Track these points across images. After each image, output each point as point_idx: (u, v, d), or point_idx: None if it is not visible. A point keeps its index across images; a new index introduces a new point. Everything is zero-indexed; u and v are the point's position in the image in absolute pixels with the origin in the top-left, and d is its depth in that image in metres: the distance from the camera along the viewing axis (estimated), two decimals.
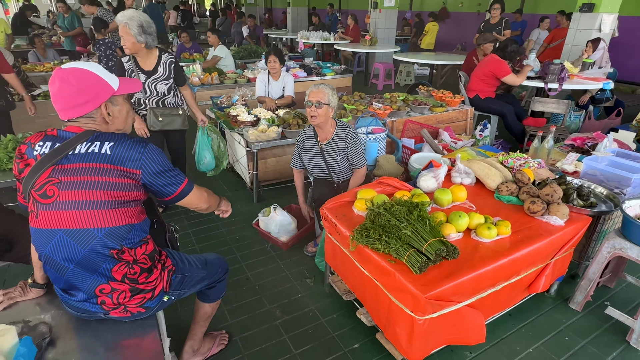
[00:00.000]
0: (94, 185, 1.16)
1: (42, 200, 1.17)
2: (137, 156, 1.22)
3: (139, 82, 1.40)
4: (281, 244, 2.64)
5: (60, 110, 1.21)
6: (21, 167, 1.21)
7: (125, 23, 2.55)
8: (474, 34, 11.35)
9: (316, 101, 2.35)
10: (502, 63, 4.11)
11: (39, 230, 1.19)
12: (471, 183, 2.35)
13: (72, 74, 1.18)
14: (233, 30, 9.64)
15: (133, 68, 2.72)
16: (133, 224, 1.24)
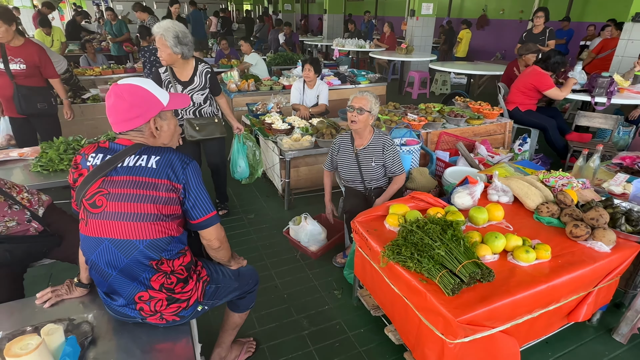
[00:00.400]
0: (139, 198, 1.23)
1: (92, 209, 1.24)
2: (180, 171, 1.28)
3: (187, 97, 1.46)
4: (310, 253, 2.66)
5: (114, 123, 1.28)
6: (75, 176, 1.30)
7: (161, 35, 2.54)
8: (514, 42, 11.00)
9: (358, 107, 2.39)
10: (545, 76, 3.95)
11: (88, 238, 1.27)
12: (509, 202, 2.27)
13: (126, 90, 1.25)
14: (270, 37, 9.85)
15: (170, 79, 2.72)
16: (173, 237, 1.29)
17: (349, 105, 2.47)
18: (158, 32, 2.56)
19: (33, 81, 3.24)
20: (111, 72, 6.32)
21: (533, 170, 2.73)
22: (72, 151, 2.71)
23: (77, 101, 4.48)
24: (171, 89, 2.71)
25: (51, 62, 3.34)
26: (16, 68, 3.13)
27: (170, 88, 2.71)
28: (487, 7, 12.36)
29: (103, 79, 6.20)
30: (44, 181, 2.50)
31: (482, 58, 12.23)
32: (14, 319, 1.41)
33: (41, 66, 3.25)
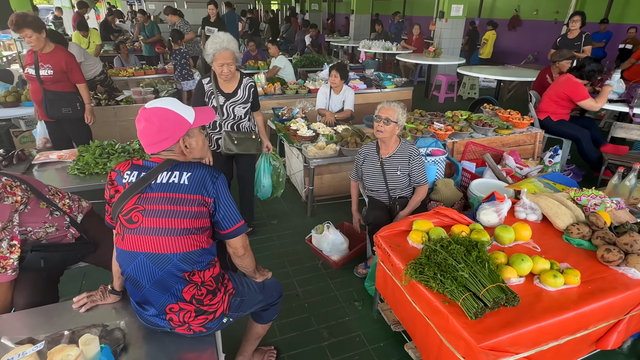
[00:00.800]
0: (173, 214, 1.29)
1: (128, 225, 1.31)
2: (210, 185, 1.33)
3: (212, 112, 1.50)
4: (332, 262, 2.68)
5: (145, 145, 1.34)
6: (112, 193, 1.37)
7: (226, 48, 2.45)
8: (547, 44, 10.64)
9: (385, 118, 2.41)
10: (579, 85, 3.80)
11: (124, 252, 1.33)
12: (537, 220, 2.21)
13: (154, 113, 1.31)
14: (297, 38, 9.91)
15: (213, 90, 2.66)
16: (204, 248, 1.35)
17: (375, 115, 2.48)
18: (223, 46, 2.45)
19: (60, 86, 3.38)
20: (143, 73, 6.52)
21: (564, 187, 2.65)
22: (107, 155, 2.83)
23: (111, 103, 4.66)
24: (213, 100, 2.68)
25: (78, 68, 3.46)
26: (44, 74, 3.27)
27: (212, 99, 2.68)
28: (520, 8, 11.98)
29: (135, 80, 6.42)
30: (81, 184, 2.63)
31: (513, 60, 11.88)
32: (53, 322, 1.50)
33: (68, 72, 3.36)
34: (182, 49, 5.70)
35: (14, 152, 2.91)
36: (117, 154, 2.83)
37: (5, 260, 1.56)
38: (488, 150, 3.62)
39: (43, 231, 1.74)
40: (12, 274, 1.59)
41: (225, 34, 2.52)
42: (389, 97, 5.87)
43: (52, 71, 3.27)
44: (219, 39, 2.47)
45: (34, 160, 2.90)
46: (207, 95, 2.70)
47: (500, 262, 1.77)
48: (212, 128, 2.79)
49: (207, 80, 2.69)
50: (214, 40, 2.47)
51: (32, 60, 3.26)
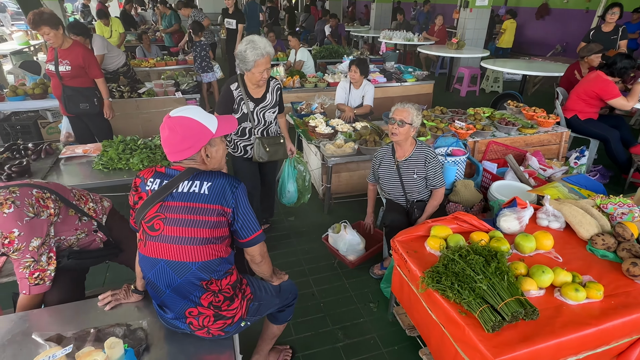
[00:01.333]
0: (193, 223, 1.32)
1: (150, 232, 1.34)
2: (230, 195, 1.36)
3: (234, 121, 1.51)
4: (348, 262, 2.69)
5: (168, 153, 1.37)
6: (135, 199, 1.41)
7: (268, 53, 2.36)
8: (578, 34, 10.24)
9: (399, 119, 2.37)
10: (609, 83, 3.64)
11: (145, 257, 1.38)
12: (560, 228, 2.16)
13: (178, 123, 1.34)
14: (317, 28, 9.80)
15: (242, 96, 2.50)
16: (222, 257, 1.38)
17: (390, 117, 2.44)
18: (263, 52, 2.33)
19: (78, 82, 3.42)
20: (164, 64, 6.60)
21: (590, 193, 2.57)
22: (130, 151, 2.89)
23: (133, 95, 4.74)
24: (243, 106, 2.52)
25: (95, 63, 3.48)
26: (63, 70, 3.32)
27: (242, 105, 2.53)
28: None
29: (157, 71, 6.50)
30: (105, 179, 2.71)
31: (540, 51, 11.47)
32: (79, 319, 1.56)
33: (86, 67, 3.39)
34: (203, 40, 5.73)
35: (42, 146, 3.01)
36: (139, 150, 2.89)
37: (44, 273, 1.62)
38: (511, 150, 3.53)
39: (75, 238, 1.79)
40: (49, 285, 1.65)
41: (261, 38, 2.39)
42: (410, 91, 5.78)
43: (70, 67, 3.32)
44: (258, 45, 2.33)
45: (60, 155, 3.00)
46: (237, 102, 2.53)
47: (519, 272, 1.74)
48: (241, 135, 2.64)
49: (235, 85, 2.52)
50: (254, 46, 2.32)
51: (52, 57, 3.31)
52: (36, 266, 1.58)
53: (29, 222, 1.53)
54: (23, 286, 1.60)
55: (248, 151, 2.69)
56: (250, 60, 2.35)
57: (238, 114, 2.54)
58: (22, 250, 1.53)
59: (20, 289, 1.61)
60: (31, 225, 1.54)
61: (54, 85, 3.47)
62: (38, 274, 1.60)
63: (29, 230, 1.53)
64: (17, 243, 1.51)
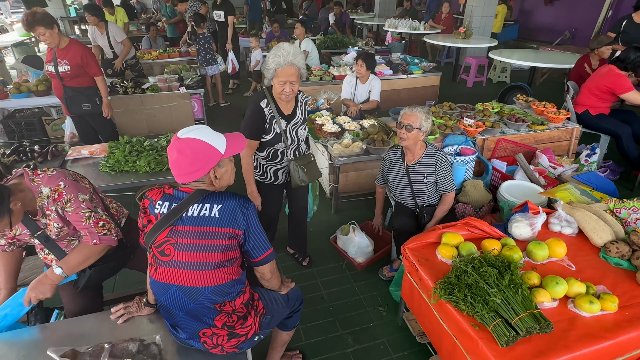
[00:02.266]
0: (204, 248, 1.31)
1: (161, 257, 1.34)
2: (240, 217, 1.35)
3: (243, 140, 1.47)
4: (357, 264, 2.69)
5: (177, 175, 1.35)
6: (144, 222, 1.40)
7: (291, 63, 2.02)
8: (588, 19, 10.00)
9: (407, 124, 2.33)
10: (622, 77, 3.56)
11: (157, 282, 1.38)
12: (572, 234, 2.13)
13: (187, 145, 1.31)
14: (320, 16, 9.62)
15: (274, 113, 2.17)
16: (234, 280, 1.38)
17: (398, 121, 2.40)
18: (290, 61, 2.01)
19: (79, 81, 3.35)
20: (167, 56, 6.52)
21: (603, 195, 2.53)
22: (136, 153, 2.87)
23: (137, 91, 4.70)
24: (275, 125, 2.19)
25: (94, 61, 3.39)
26: (63, 70, 3.25)
27: (274, 124, 2.19)
28: None
29: (160, 63, 6.43)
30: (112, 182, 2.70)
31: (549, 36, 11.22)
32: (93, 334, 1.57)
33: (84, 65, 3.30)
34: (206, 33, 5.65)
35: (49, 147, 3.00)
36: (145, 152, 2.87)
37: (109, 224, 1.68)
38: (520, 148, 3.49)
39: None
40: (116, 240, 1.71)
41: (291, 45, 2.07)
42: (416, 83, 5.69)
43: (69, 66, 3.24)
44: (284, 51, 2.01)
45: (67, 156, 2.98)
46: (268, 121, 2.17)
47: (533, 283, 1.73)
48: (272, 158, 2.31)
49: (265, 102, 2.16)
50: (277, 52, 2.03)
51: (51, 57, 3.25)
52: (96, 217, 1.64)
53: (71, 180, 1.64)
54: (92, 237, 1.64)
55: (279, 177, 2.38)
56: (270, 68, 2.05)
57: (270, 135, 2.20)
58: (73, 201, 1.60)
59: (86, 241, 1.65)
60: (74, 183, 1.63)
61: (55, 86, 3.43)
62: (103, 223, 1.67)
63: (73, 186, 1.62)
64: (65, 194, 1.59)
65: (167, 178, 2.71)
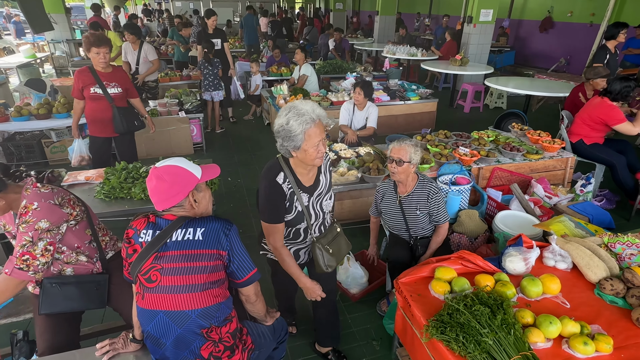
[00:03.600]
0: (190, 270, 1.33)
1: (147, 284, 1.35)
2: (224, 238, 1.39)
3: (217, 168, 1.51)
4: (351, 295, 2.65)
5: (157, 202, 1.38)
6: (130, 252, 1.41)
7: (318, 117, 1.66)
8: (582, 47, 10.23)
9: (397, 158, 2.34)
10: (614, 109, 3.60)
11: (144, 310, 1.37)
12: (567, 269, 2.12)
13: (164, 171, 1.36)
14: (320, 41, 9.84)
15: (294, 188, 1.77)
16: (220, 302, 1.39)
17: (388, 156, 2.42)
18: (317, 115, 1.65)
19: (124, 102, 3.59)
20: (168, 80, 6.63)
21: (597, 228, 2.53)
22: (132, 180, 2.88)
23: None
24: (296, 202, 1.79)
25: (133, 84, 3.71)
26: (114, 91, 3.45)
27: (295, 202, 1.79)
28: (552, 9, 11.50)
29: (161, 87, 6.52)
30: (106, 209, 2.69)
31: (544, 63, 11.46)
32: None
33: (129, 88, 3.59)
34: (215, 59, 5.74)
35: (45, 173, 3.01)
36: (141, 179, 2.88)
37: (33, 260, 1.63)
38: (515, 177, 3.50)
39: (75, 257, 1.80)
40: (31, 276, 1.64)
41: (304, 102, 1.71)
42: (413, 109, 5.77)
43: (121, 89, 3.48)
44: (303, 110, 1.65)
45: (63, 182, 2.99)
46: (288, 198, 1.78)
47: (526, 321, 1.70)
48: (294, 238, 1.92)
49: (282, 176, 1.77)
50: (297, 113, 1.64)
51: (93, 80, 3.36)
52: (29, 249, 1.61)
53: (50, 205, 1.66)
54: (8, 264, 1.63)
55: (301, 256, 1.99)
56: (298, 133, 1.62)
57: (291, 214, 1.81)
58: (29, 225, 1.61)
59: (4, 267, 1.64)
60: (50, 208, 1.65)
61: (99, 108, 3.46)
62: (27, 257, 1.62)
63: (45, 210, 1.64)
64: (29, 215, 1.61)
65: None
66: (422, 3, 17.64)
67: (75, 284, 1.76)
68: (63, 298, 1.73)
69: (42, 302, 1.71)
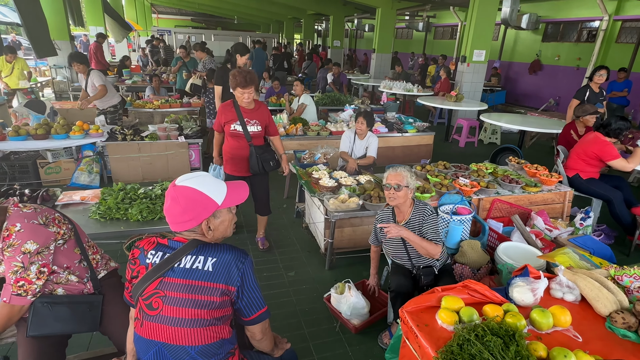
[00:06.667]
0: (194, 304, 1.23)
1: (148, 311, 1.25)
2: (235, 272, 1.28)
3: (246, 189, 1.44)
4: (351, 327, 2.55)
5: (170, 223, 1.32)
6: (134, 273, 1.32)
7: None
8: (570, 88, 10.62)
9: (395, 184, 2.34)
10: (608, 144, 3.69)
11: (142, 339, 1.27)
12: (575, 301, 2.06)
13: (181, 193, 1.28)
14: (319, 75, 10.11)
15: None
16: (224, 339, 1.29)
17: (384, 184, 2.42)
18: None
19: (261, 141, 3.30)
20: (168, 106, 6.68)
21: (602, 261, 2.50)
22: (129, 201, 2.82)
23: (136, 138, 4.74)
24: None
25: (273, 119, 3.37)
26: (254, 130, 3.18)
27: None
28: (541, 53, 12.06)
29: (160, 113, 6.57)
30: (100, 230, 2.61)
31: (534, 103, 11.87)
32: None
33: (269, 125, 3.29)
34: None
35: (39, 192, 2.93)
36: (139, 200, 2.82)
37: (30, 285, 1.57)
38: (515, 209, 3.50)
39: (65, 277, 1.72)
40: (31, 299, 1.60)
41: None
42: (410, 141, 5.85)
43: (260, 127, 3.22)
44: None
45: (57, 201, 2.92)
46: None
47: (539, 355, 1.63)
48: None
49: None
50: None
51: (235, 116, 3.13)
52: (23, 274, 1.55)
53: (34, 225, 1.59)
54: (5, 293, 1.55)
55: None
56: None
57: None
58: (15, 248, 1.54)
59: (2, 295, 1.56)
60: (34, 229, 1.58)
61: (238, 146, 3.21)
62: (23, 283, 1.56)
63: (30, 231, 1.56)
64: (13, 238, 1.54)
65: (158, 227, 2.64)
66: (416, 44, 18.42)
67: (67, 304, 1.66)
68: (54, 319, 1.63)
69: (31, 323, 1.60)
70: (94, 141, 4.67)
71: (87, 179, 4.60)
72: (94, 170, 4.65)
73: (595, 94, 5.26)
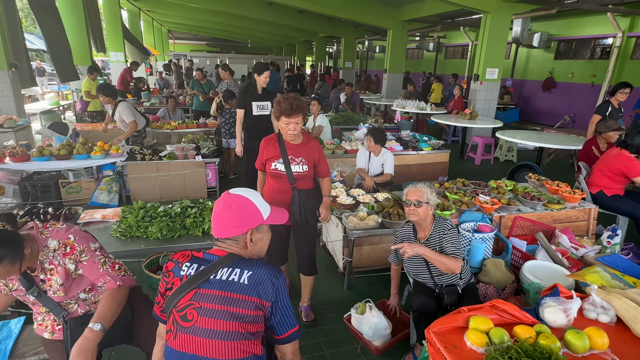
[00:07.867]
0: (229, 316, 1.22)
1: (182, 322, 1.25)
2: (270, 287, 1.28)
3: (285, 213, 1.48)
4: (373, 348, 2.47)
5: (215, 227, 1.33)
6: (168, 286, 1.32)
7: None
8: (585, 105, 10.53)
9: (415, 200, 2.32)
10: (633, 160, 3.60)
11: (174, 351, 1.26)
12: (610, 322, 1.97)
13: (235, 200, 1.32)
14: (332, 95, 10.24)
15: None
16: (256, 355, 1.27)
17: (405, 200, 2.39)
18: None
19: (307, 183, 2.64)
20: (185, 127, 6.81)
21: (636, 280, 2.40)
22: (149, 219, 2.84)
23: (154, 158, 4.82)
24: None
25: (325, 157, 2.71)
26: (298, 170, 2.54)
27: None
28: (554, 70, 12.02)
29: (178, 134, 6.70)
30: (121, 247, 2.63)
31: (549, 120, 11.75)
32: None
33: (319, 163, 2.64)
34: (233, 108, 5.94)
35: (62, 210, 2.98)
36: (158, 218, 2.84)
37: (124, 266, 1.73)
38: (538, 227, 3.41)
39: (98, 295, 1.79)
40: (134, 280, 1.77)
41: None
42: (426, 159, 5.81)
43: (307, 166, 2.57)
44: None
45: (79, 220, 2.96)
46: None
47: None
48: None
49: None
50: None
51: (278, 153, 2.53)
52: (110, 261, 1.68)
53: (81, 231, 1.70)
54: (114, 280, 1.65)
55: None
56: None
57: None
58: (87, 250, 1.65)
59: (110, 286, 1.65)
60: (83, 234, 1.70)
61: (277, 189, 2.62)
62: (119, 266, 1.72)
63: (83, 237, 1.67)
64: (77, 246, 1.63)
65: (178, 245, 2.65)
66: (426, 64, 18.59)
67: None
68: None
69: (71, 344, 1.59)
70: (114, 161, 4.77)
71: (107, 198, 4.67)
72: (113, 189, 4.72)
73: (616, 110, 5.20)
